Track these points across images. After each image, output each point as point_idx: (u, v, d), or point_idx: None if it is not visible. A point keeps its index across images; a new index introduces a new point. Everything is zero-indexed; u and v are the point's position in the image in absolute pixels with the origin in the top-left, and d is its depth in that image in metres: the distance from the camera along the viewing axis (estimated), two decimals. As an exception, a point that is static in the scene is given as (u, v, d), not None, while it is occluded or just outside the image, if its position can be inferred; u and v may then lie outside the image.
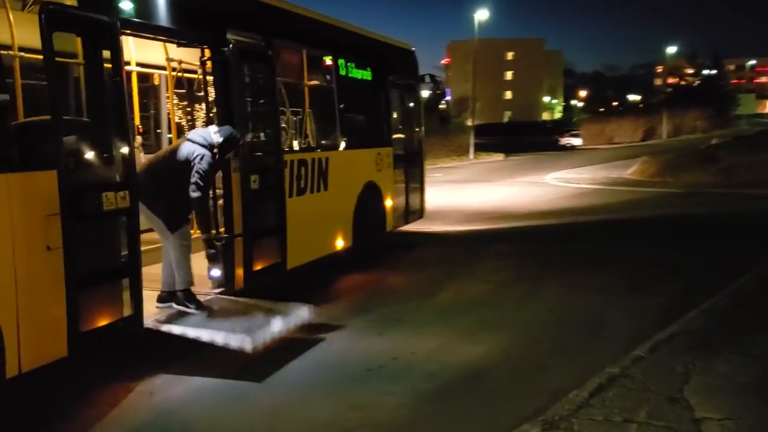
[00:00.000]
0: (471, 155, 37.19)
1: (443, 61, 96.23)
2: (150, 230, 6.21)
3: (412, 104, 11.20)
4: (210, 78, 6.36)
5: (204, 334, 5.19)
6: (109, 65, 4.81)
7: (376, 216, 9.47)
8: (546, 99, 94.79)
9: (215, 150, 5.63)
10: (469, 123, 40.39)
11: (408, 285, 8.03)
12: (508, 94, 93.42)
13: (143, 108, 8.03)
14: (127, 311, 4.95)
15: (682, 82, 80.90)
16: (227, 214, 6.31)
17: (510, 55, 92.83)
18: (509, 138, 46.85)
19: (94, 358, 4.93)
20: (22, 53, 4.76)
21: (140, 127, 8.05)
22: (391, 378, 4.98)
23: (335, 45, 8.50)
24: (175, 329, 5.27)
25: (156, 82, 8.53)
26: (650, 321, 6.02)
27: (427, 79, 11.57)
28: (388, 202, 9.81)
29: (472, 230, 12.31)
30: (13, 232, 4.14)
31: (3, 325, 4.06)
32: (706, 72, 77.38)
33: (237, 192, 6.27)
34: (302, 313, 5.84)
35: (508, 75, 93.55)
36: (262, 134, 6.86)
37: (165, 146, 8.67)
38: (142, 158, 7.98)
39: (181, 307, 5.62)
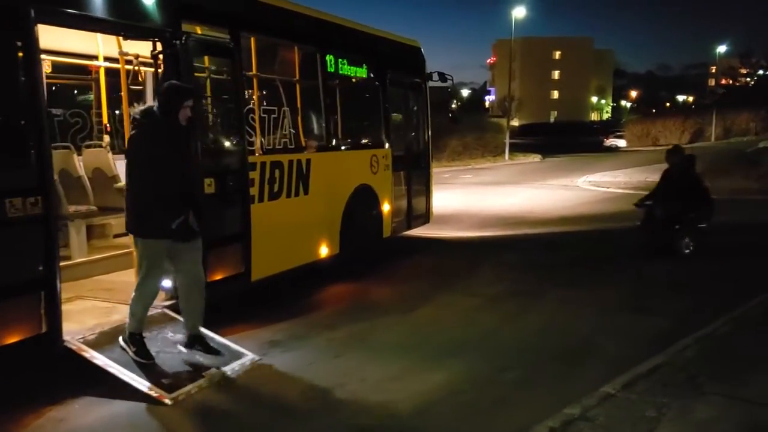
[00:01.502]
0: (506, 156, 36.22)
1: (489, 60, 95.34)
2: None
3: (417, 103, 10.59)
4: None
5: (126, 377, 4.67)
6: (21, 57, 4.38)
7: (369, 221, 8.91)
8: (594, 99, 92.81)
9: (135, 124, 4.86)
10: (515, 122, 39.40)
11: (390, 298, 7.42)
12: (555, 94, 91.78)
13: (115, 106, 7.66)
14: (39, 329, 4.52)
15: (736, 83, 77.83)
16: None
17: (558, 55, 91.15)
18: (554, 138, 45.75)
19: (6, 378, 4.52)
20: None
21: (108, 125, 7.70)
22: (327, 411, 4.41)
23: (321, 40, 7.95)
24: (98, 359, 4.77)
25: (141, 79, 8.17)
26: (643, 347, 5.31)
27: (435, 76, 10.90)
28: (386, 207, 9.23)
29: (482, 237, 11.61)
30: None
31: None
32: (761, 72, 74.21)
33: (189, 195, 5.79)
34: (244, 361, 5.25)
35: (556, 74, 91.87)
36: (220, 134, 6.37)
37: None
38: (110, 158, 7.67)
39: (123, 345, 4.96)
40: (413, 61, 10.45)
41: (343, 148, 8.45)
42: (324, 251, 7.87)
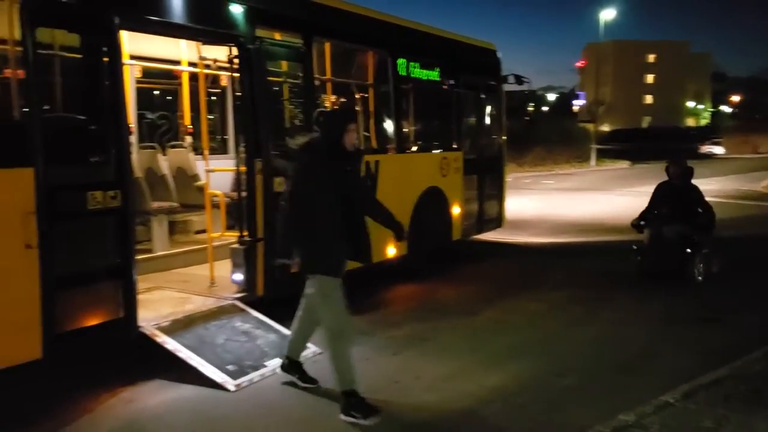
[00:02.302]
0: (593, 162, 35.28)
1: (578, 64, 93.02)
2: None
3: (491, 106, 10.57)
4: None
5: (193, 361, 4.93)
6: (106, 62, 4.73)
7: (438, 224, 8.96)
8: (690, 104, 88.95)
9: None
10: (605, 127, 38.38)
11: (455, 300, 7.45)
12: (648, 99, 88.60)
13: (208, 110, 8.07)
14: (116, 315, 4.85)
15: None
16: (250, 216, 6.10)
17: (651, 58, 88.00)
18: (646, 144, 44.22)
19: (87, 360, 4.89)
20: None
21: (190, 127, 8.11)
22: (379, 405, 4.51)
23: (392, 44, 8.09)
24: (169, 344, 5.05)
25: (223, 83, 8.58)
26: (708, 359, 5.13)
27: (511, 79, 10.84)
28: (455, 210, 9.26)
29: (556, 243, 11.44)
30: (-13, 228, 4.12)
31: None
32: None
33: (260, 194, 6.05)
34: (307, 353, 5.39)
35: (649, 78, 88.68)
36: (290, 136, 6.59)
37: (231, 150, 8.72)
38: (191, 158, 8.08)
39: (346, 418, 4.24)
40: (488, 64, 10.43)
41: (412, 150, 8.55)
42: (391, 252, 7.98)
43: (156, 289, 6.32)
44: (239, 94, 6.03)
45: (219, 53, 6.42)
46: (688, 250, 7.87)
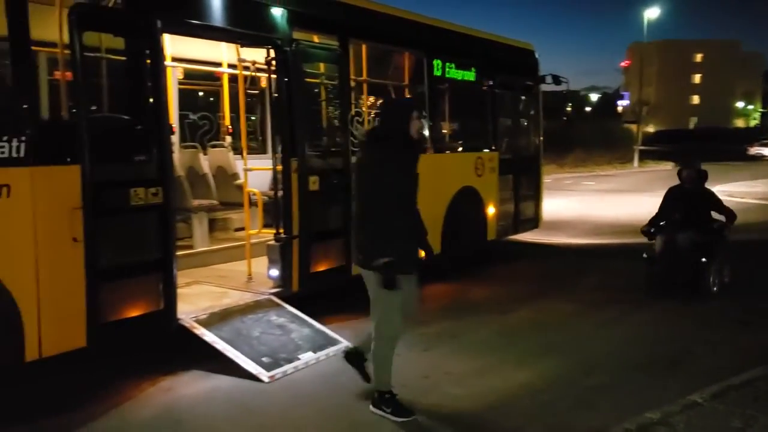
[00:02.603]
0: (635, 163, 34.73)
1: (622, 64, 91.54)
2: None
3: (528, 106, 10.57)
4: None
5: (229, 352, 5.11)
6: (149, 64, 4.94)
7: (472, 223, 9.01)
8: (740, 105, 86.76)
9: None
10: (650, 128, 37.72)
11: (487, 299, 7.50)
12: (695, 99, 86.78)
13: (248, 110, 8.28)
14: (157, 307, 5.05)
15: None
16: (286, 214, 6.26)
17: (699, 57, 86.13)
18: (693, 146, 43.33)
19: (128, 350, 5.11)
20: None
21: (230, 127, 8.32)
22: (407, 399, 4.61)
23: (427, 44, 8.18)
24: (207, 336, 5.24)
25: (263, 85, 8.78)
26: (743, 361, 5.08)
27: (549, 79, 10.82)
28: (490, 210, 9.30)
29: (593, 244, 11.37)
30: (37, 223, 4.35)
31: (22, 311, 4.28)
32: None
33: (295, 193, 6.21)
34: (339, 347, 5.57)
35: (696, 78, 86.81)
36: (325, 135, 6.76)
37: (269, 150, 8.92)
38: (231, 157, 8.30)
39: (376, 410, 4.34)
40: (525, 64, 10.43)
41: (446, 150, 8.62)
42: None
43: (195, 284, 6.53)
44: (276, 95, 6.19)
45: (257, 55, 6.60)
46: (703, 260, 7.26)
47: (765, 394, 4.20)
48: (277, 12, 6.05)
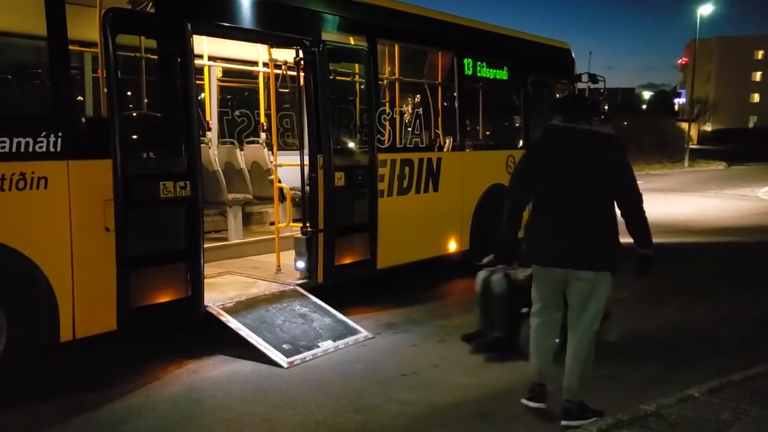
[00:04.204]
0: (686, 163, 33.92)
1: (679, 61, 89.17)
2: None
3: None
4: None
5: (252, 339, 5.37)
6: (179, 63, 5.22)
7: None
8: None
9: None
10: (707, 127, 36.75)
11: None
12: (756, 97, 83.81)
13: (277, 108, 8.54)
14: (184, 294, 5.33)
15: None
16: (312, 208, 6.50)
17: (760, 54, 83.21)
18: (751, 145, 42.00)
19: (157, 334, 5.44)
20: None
21: (264, 124, 8.61)
22: (416, 386, 4.80)
23: (457, 44, 8.30)
24: (232, 323, 5.50)
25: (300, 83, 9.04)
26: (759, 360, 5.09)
27: (585, 78, 10.78)
28: (522, 207, 9.34)
29: (627, 243, 11.23)
30: (72, 213, 4.68)
31: (58, 295, 4.62)
32: None
33: (321, 188, 6.44)
34: (357, 337, 5.81)
35: (757, 76, 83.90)
36: (352, 133, 6.96)
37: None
38: (266, 153, 8.59)
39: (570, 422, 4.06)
40: (560, 63, 10.43)
41: (476, 148, 8.72)
42: (452, 246, 8.22)
43: (227, 274, 6.84)
44: (304, 93, 6.43)
45: (289, 55, 6.87)
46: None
47: (762, 389, 4.22)
48: (305, 14, 6.29)
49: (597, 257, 4.07)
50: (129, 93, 5.22)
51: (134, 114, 5.26)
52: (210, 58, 7.84)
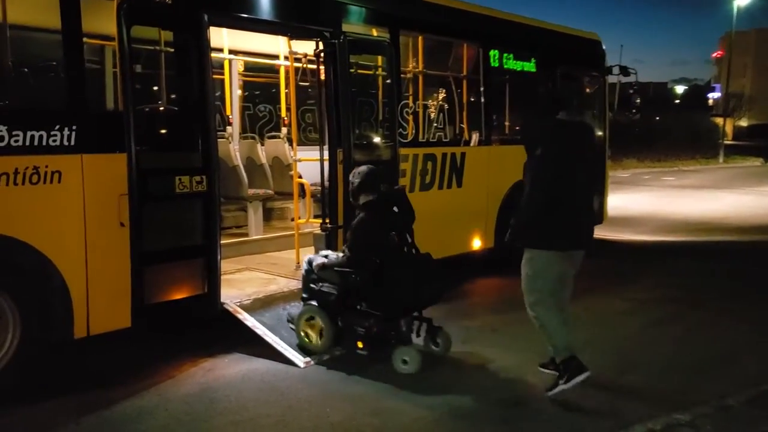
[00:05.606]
0: (720, 159, 33.15)
1: (715, 54, 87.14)
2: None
3: (593, 98, 10.29)
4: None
5: (268, 337, 5.26)
6: (195, 56, 5.11)
7: (529, 217, 8.85)
8: None
9: None
10: (743, 122, 35.91)
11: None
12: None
13: (300, 102, 8.41)
14: (200, 291, 5.24)
15: None
16: (332, 204, 6.37)
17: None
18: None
19: (172, 331, 5.35)
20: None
21: (285, 118, 8.50)
22: (436, 388, 4.63)
23: (483, 35, 8.09)
24: (249, 321, 5.41)
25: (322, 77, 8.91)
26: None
27: (616, 70, 10.48)
28: (548, 204, 9.11)
29: (660, 241, 10.98)
30: (86, 207, 4.61)
31: (72, 291, 4.55)
32: None
33: (340, 183, 6.29)
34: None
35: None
36: (372, 127, 6.81)
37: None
38: (287, 148, 8.47)
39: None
40: (590, 55, 10.14)
41: (502, 142, 8.51)
42: (476, 244, 8.03)
43: (246, 270, 6.75)
44: (324, 87, 6.29)
45: (309, 47, 6.74)
46: None
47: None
48: (325, 4, 6.15)
49: (592, 236, 4.84)
50: (144, 86, 5.12)
51: (150, 107, 5.17)
52: (231, 52, 7.75)
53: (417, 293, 5.11)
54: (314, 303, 5.33)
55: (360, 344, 5.07)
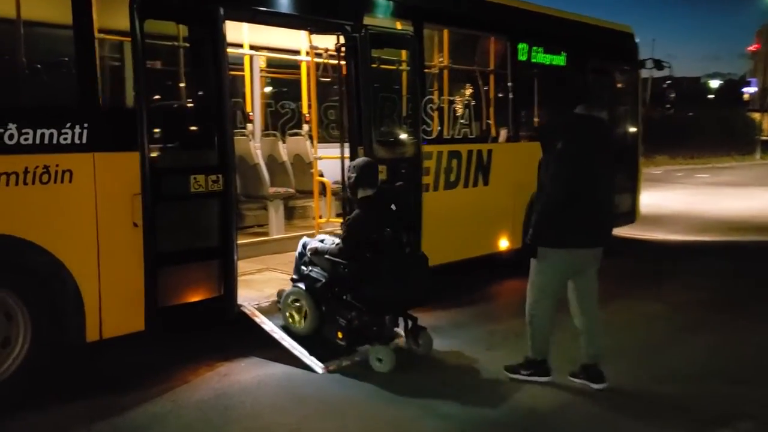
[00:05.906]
0: (757, 155, 32.28)
1: (750, 48, 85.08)
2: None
3: (625, 92, 9.97)
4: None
5: (286, 342, 5.10)
6: (211, 51, 4.96)
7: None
8: None
9: None
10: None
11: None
12: (834, 86, 79.29)
13: (323, 99, 8.25)
14: (216, 293, 5.10)
15: None
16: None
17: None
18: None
19: (187, 335, 5.22)
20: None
21: (307, 115, 8.33)
22: (459, 398, 4.42)
23: (511, 28, 7.83)
24: (266, 324, 5.25)
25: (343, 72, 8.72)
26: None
27: (649, 64, 10.15)
28: (578, 203, 8.82)
29: (695, 241, 10.60)
30: (98, 207, 4.48)
31: (84, 293, 4.43)
32: None
33: (360, 183, 6.10)
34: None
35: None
36: (394, 124, 6.61)
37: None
38: (308, 146, 8.30)
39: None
40: (622, 48, 9.81)
41: (531, 139, 8.24)
42: (503, 244, 7.79)
43: (266, 270, 6.60)
44: (345, 82, 6.11)
45: (330, 42, 6.55)
46: None
47: None
48: (346, -2, 5.96)
49: (610, 233, 4.81)
50: (158, 82, 4.97)
51: (164, 104, 5.03)
52: (252, 48, 7.60)
53: (401, 293, 5.03)
54: (302, 286, 5.32)
55: (340, 335, 5.08)
